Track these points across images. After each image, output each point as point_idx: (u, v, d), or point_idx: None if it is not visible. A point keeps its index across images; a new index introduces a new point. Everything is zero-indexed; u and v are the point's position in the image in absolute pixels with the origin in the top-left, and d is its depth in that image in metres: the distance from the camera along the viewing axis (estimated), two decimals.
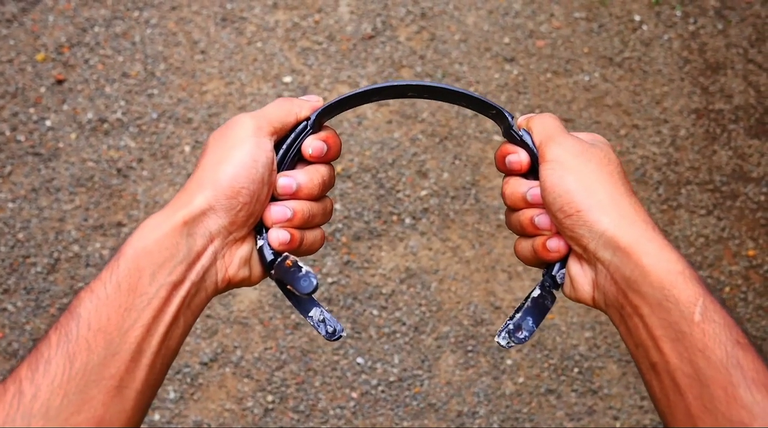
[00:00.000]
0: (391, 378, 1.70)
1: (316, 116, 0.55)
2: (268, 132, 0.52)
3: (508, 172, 0.56)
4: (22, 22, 1.96)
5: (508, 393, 1.71)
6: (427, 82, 0.55)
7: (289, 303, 1.72)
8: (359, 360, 1.70)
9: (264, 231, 0.53)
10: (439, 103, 1.98)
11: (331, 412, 1.66)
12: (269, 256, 0.53)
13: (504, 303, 1.78)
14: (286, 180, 0.53)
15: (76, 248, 1.74)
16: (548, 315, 1.77)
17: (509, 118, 0.55)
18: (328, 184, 0.56)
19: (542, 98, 2.02)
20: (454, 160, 1.92)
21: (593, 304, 0.51)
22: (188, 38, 1.99)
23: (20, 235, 1.74)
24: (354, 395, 1.68)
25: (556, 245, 0.52)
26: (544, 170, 0.50)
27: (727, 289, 1.87)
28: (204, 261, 0.49)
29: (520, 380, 1.73)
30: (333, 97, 0.63)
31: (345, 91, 1.97)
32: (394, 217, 1.84)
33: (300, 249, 0.55)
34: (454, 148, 1.93)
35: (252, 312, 1.72)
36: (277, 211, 0.53)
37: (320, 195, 0.55)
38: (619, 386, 1.74)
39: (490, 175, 1.91)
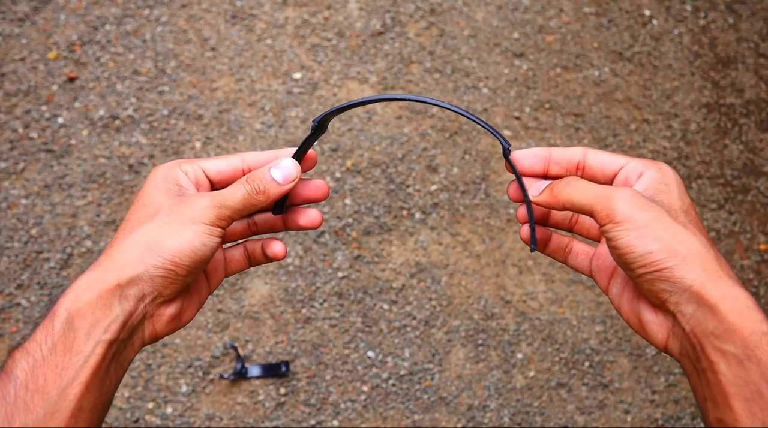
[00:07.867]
0: (402, 372, 1.70)
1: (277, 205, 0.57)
2: (225, 223, 0.52)
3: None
4: (34, 21, 1.98)
5: (519, 387, 1.71)
6: (417, 97, 0.54)
7: (300, 297, 1.73)
8: (370, 353, 1.71)
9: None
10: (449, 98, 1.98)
11: (342, 405, 1.66)
12: None
13: (514, 297, 1.78)
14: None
15: (88, 243, 1.75)
16: (558, 309, 1.77)
17: (505, 146, 0.55)
18: None
19: (552, 93, 2.02)
20: (463, 155, 1.92)
21: (665, 350, 0.51)
22: (198, 35, 2.00)
23: (33, 231, 1.76)
24: (365, 388, 1.68)
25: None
26: (618, 231, 0.48)
27: None
28: (134, 319, 0.50)
29: (531, 374, 1.72)
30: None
31: (354, 87, 1.97)
32: (404, 212, 1.84)
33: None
34: (464, 143, 1.93)
35: (263, 307, 1.72)
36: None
37: None
38: (630, 380, 1.73)
39: (499, 169, 1.91)
